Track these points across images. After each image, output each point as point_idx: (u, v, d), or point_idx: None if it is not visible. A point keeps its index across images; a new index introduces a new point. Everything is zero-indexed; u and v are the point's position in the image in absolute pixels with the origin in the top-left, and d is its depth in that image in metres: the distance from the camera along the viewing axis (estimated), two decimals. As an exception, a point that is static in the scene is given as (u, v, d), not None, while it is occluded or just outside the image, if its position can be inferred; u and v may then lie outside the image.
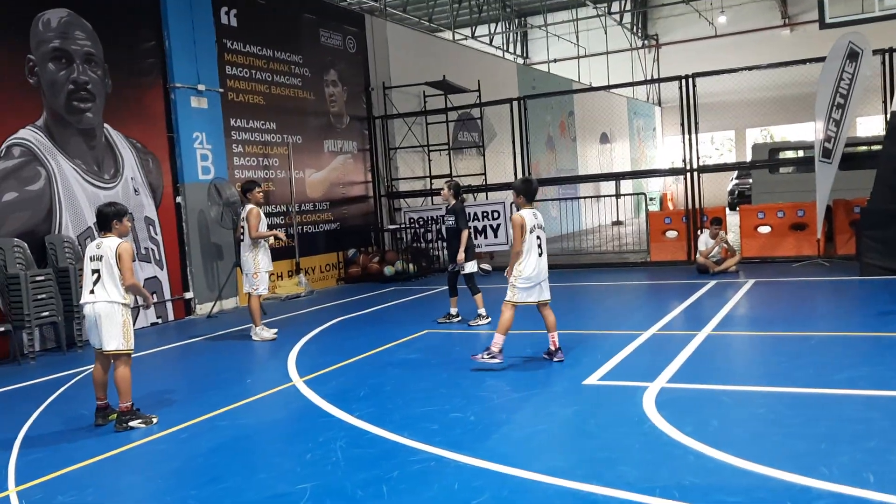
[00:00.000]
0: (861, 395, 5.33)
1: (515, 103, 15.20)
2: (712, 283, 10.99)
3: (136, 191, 11.21)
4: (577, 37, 30.24)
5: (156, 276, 11.34)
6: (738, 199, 24.98)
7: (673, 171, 15.28)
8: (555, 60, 29.86)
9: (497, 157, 19.13)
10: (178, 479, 4.70)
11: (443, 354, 7.60)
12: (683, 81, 13.16)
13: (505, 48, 30.17)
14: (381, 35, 16.72)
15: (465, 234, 9.04)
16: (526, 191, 6.91)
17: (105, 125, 10.79)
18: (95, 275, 5.79)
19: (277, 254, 13.55)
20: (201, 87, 12.23)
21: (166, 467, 4.93)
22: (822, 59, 11.56)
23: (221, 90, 12.65)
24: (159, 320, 11.29)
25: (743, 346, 7.28)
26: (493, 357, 6.74)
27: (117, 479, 4.71)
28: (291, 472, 4.59)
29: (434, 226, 15.61)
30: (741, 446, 4.43)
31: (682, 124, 13.28)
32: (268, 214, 13.54)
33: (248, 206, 9.40)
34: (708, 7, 29.68)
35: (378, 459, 4.75)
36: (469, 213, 15.35)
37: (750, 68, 13.64)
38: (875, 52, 11.22)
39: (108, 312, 5.73)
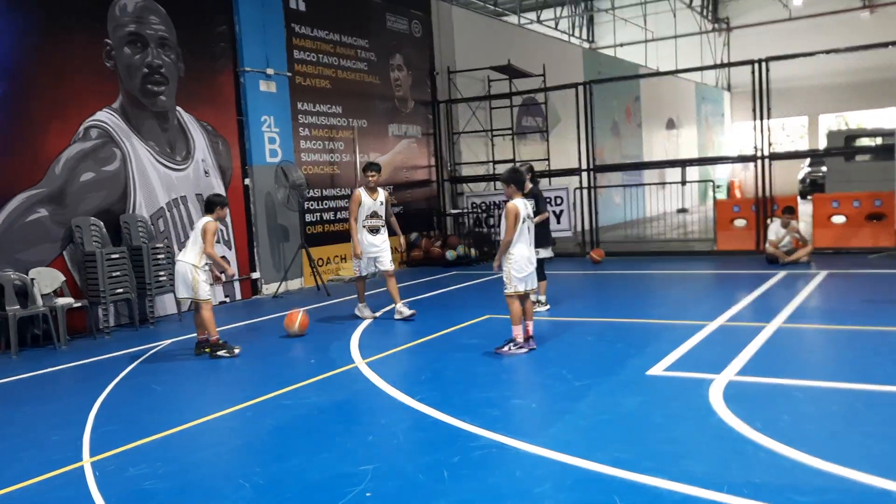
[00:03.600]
0: (944, 395, 5.10)
1: (581, 88, 14.95)
2: (783, 273, 10.67)
3: (206, 172, 11.47)
4: (645, 20, 29.57)
5: (224, 256, 11.59)
6: (810, 187, 24.19)
7: (742, 158, 14.84)
8: (621, 45, 29.27)
9: (561, 142, 18.92)
10: (244, 457, 4.81)
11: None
12: (756, 66, 12.73)
13: (571, 32, 29.70)
14: (446, 19, 16.66)
15: (545, 216, 8.78)
16: (516, 180, 6.98)
17: (177, 108, 11.05)
18: (187, 241, 7.64)
19: (341, 237, 13.73)
20: (270, 71, 12.41)
21: (233, 444, 5.05)
22: (906, 43, 11.06)
23: (289, 74, 12.81)
24: (227, 299, 11.56)
25: (816, 339, 7.04)
26: (520, 347, 6.85)
27: (186, 454, 4.84)
28: (354, 454, 4.64)
29: (496, 211, 15.54)
30: (815, 444, 4.29)
31: (754, 110, 12.87)
32: (332, 198, 13.72)
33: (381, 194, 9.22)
34: (783, -11, 28.69)
35: (439, 444, 4.77)
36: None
37: (827, 52, 13.12)
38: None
39: (182, 271, 7.47)
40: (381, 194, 9.00)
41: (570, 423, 4.97)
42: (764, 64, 12.65)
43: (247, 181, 12.20)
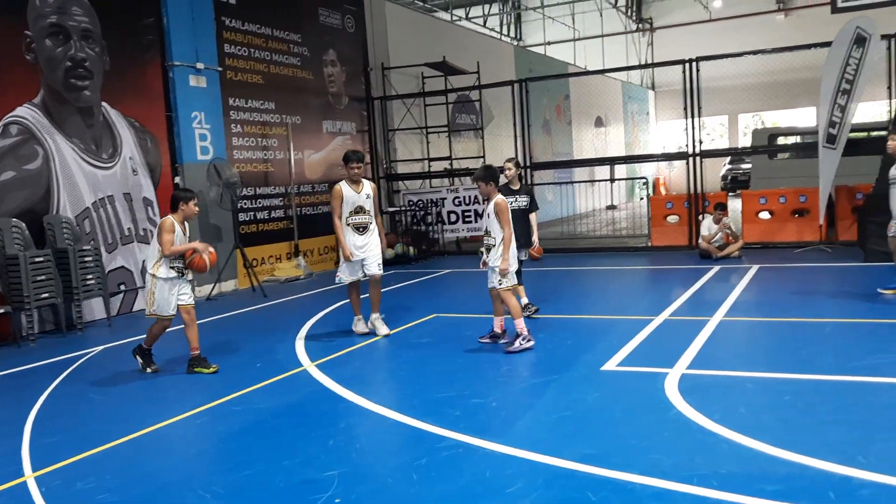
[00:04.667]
0: (887, 382, 5.30)
1: (516, 86, 15.04)
2: (716, 268, 10.97)
3: (134, 171, 11.03)
4: (573, 19, 30.04)
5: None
6: (732, 184, 25.05)
7: (675, 156, 15.21)
8: (549, 43, 29.65)
9: (495, 139, 19.01)
10: (201, 465, 4.61)
11: (454, 339, 7.52)
12: (686, 65, 13.06)
13: (500, 30, 29.94)
14: (379, 14, 16.50)
15: (534, 216, 8.38)
16: (494, 177, 6.97)
17: (103, 103, 10.59)
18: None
19: (276, 236, 13.45)
20: (200, 66, 12.03)
21: (187, 452, 4.84)
22: (826, 45, 11.51)
23: (220, 69, 12.45)
24: (158, 302, 11.13)
25: (758, 332, 7.25)
26: (528, 341, 6.81)
27: (137, 465, 4.61)
28: (316, 459, 4.50)
29: (434, 208, 15.50)
30: (773, 434, 4.39)
31: (686, 108, 13.20)
32: (266, 196, 13.41)
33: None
34: (703, -9, 29.60)
35: (403, 446, 4.69)
36: (469, 196, 15.34)
37: (753, 52, 13.56)
38: (883, 37, 11.18)
39: (147, 280, 6.76)
40: (367, 186, 7.82)
41: (534, 421, 4.96)
42: (694, 64, 12.98)
43: (177, 179, 11.79)
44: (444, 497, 3.88)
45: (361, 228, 7.77)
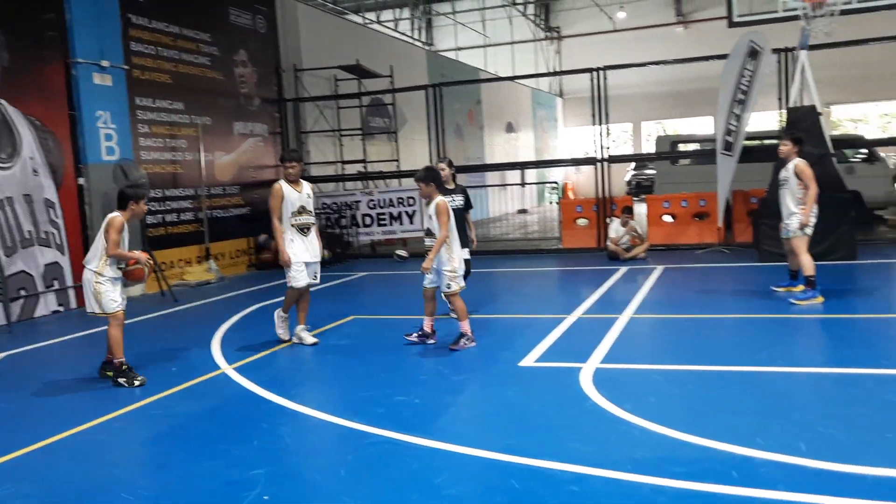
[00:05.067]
0: (781, 371, 5.72)
1: (430, 90, 15.22)
2: (624, 269, 11.43)
3: (34, 171, 10.59)
4: (484, 26, 30.53)
5: (56, 262, 10.75)
6: (636, 189, 26.01)
7: (584, 161, 15.72)
8: (460, 48, 30.05)
9: (409, 143, 19.17)
10: (122, 469, 4.53)
11: (374, 340, 7.59)
12: (594, 74, 13.55)
13: (411, 34, 30.13)
14: (291, 15, 16.37)
15: (469, 215, 8.36)
16: (435, 178, 7.05)
17: (1, 101, 10.12)
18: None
19: (186, 239, 13.15)
20: (105, 64, 11.65)
21: (106, 457, 4.73)
22: (723, 57, 12.17)
23: (126, 67, 12.09)
24: (61, 308, 10.72)
25: (664, 328, 7.62)
26: (471, 341, 6.95)
27: (54, 470, 4.48)
28: (241, 459, 4.49)
29: (348, 211, 15.49)
30: (681, 421, 4.67)
31: (594, 115, 13.68)
32: (175, 198, 13.09)
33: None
34: (608, 2, 30.58)
35: (329, 444, 4.74)
36: (384, 200, 15.40)
37: (657, 63, 14.22)
38: (774, 50, 11.92)
39: (85, 280, 6.32)
40: (306, 186, 7.49)
41: (457, 416, 5.10)
42: (602, 72, 13.48)
43: (81, 180, 11.37)
44: (373, 490, 3.97)
45: (305, 229, 7.41)
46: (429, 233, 7.10)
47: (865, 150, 15.01)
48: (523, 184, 23.38)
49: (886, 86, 24.29)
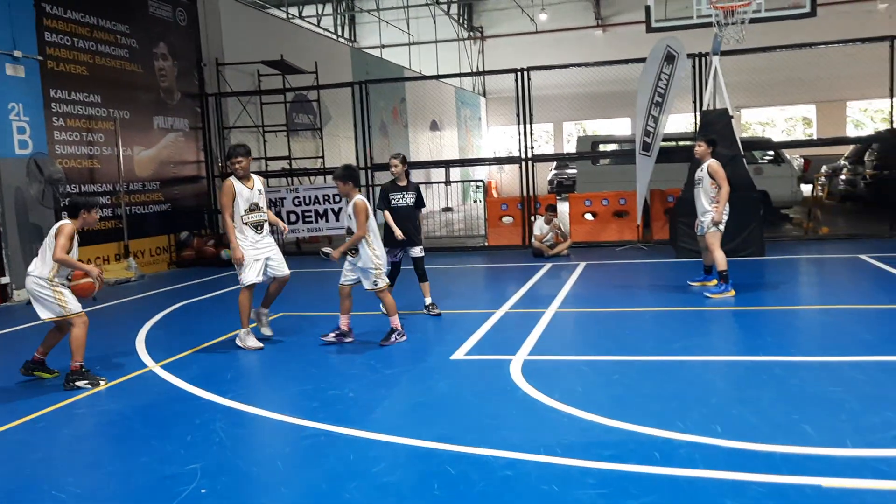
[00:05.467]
0: (697, 360, 6.04)
1: (357, 87, 15.22)
2: (548, 265, 11.72)
3: (-58, 164, 10.12)
4: (408, 24, 30.60)
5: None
6: (558, 188, 26.59)
7: (509, 160, 16.01)
8: (384, 46, 30.04)
9: (334, 140, 19.09)
10: (50, 468, 4.43)
11: (304, 336, 7.59)
12: (519, 74, 13.82)
13: (334, 31, 29.93)
14: (212, 8, 16.08)
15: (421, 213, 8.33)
16: (353, 177, 6.96)
17: None
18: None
19: (104, 236, 12.78)
20: (17, 54, 11.23)
21: (31, 456, 4.62)
22: (642, 60, 12.62)
23: (40, 58, 11.68)
24: (-28, 307, 10.29)
25: (588, 321, 7.88)
26: (401, 335, 7.01)
27: (-24, 473, 4.36)
28: (176, 455, 4.48)
29: (273, 208, 15.31)
30: (606, 408, 4.90)
31: (518, 115, 13.96)
32: (92, 194, 12.69)
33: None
34: (529, 4, 31.12)
35: (265, 438, 4.76)
36: (309, 197, 15.31)
37: (579, 65, 14.60)
38: (689, 55, 12.44)
39: (33, 287, 6.05)
40: (258, 181, 7.27)
41: (391, 408, 5.19)
42: (526, 73, 13.77)
43: (-8, 175, 10.94)
44: (311, 481, 4.03)
45: (259, 227, 7.20)
46: (349, 231, 7.08)
47: (772, 152, 15.80)
48: (448, 182, 23.57)
49: (791, 91, 25.59)
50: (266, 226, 7.33)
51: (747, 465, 3.95)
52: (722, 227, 8.50)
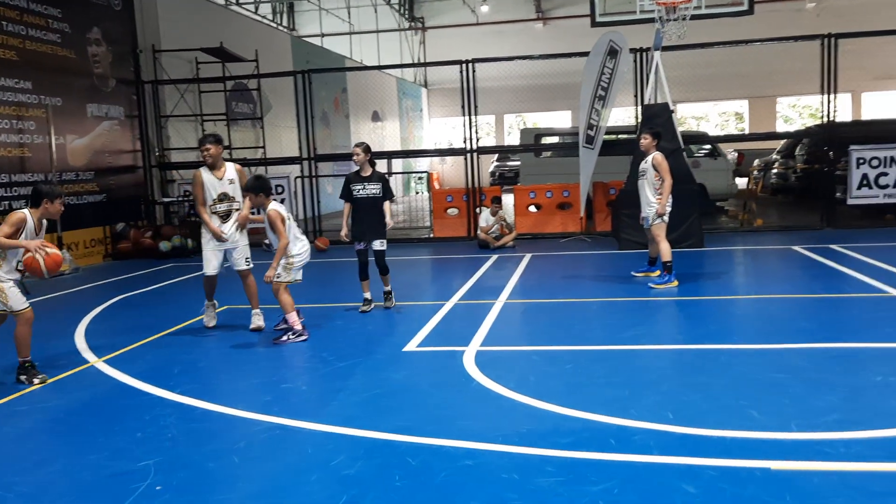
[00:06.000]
0: (646, 349, 6.17)
1: (300, 77, 15.00)
2: (495, 257, 11.80)
3: None
4: (349, 13, 30.29)
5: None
6: (500, 180, 26.75)
7: (453, 152, 16.04)
8: (325, 35, 29.67)
9: (274, 130, 18.80)
10: (-7, 468, 4.27)
11: (248, 329, 7.47)
12: (464, 66, 13.84)
13: (272, 18, 29.44)
14: (149, -6, 15.62)
15: (389, 204, 8.10)
16: (263, 188, 6.87)
17: None
18: None
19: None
20: (-58, 36, 10.71)
21: (-28, 458, 4.44)
22: (585, 54, 12.77)
23: (-34, 41, 11.17)
24: None
25: (537, 311, 7.96)
26: (299, 336, 6.87)
27: (-88, 475, 4.16)
28: (127, 451, 4.36)
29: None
30: (561, 397, 4.97)
31: (463, 107, 13.98)
32: (23, 184, 12.22)
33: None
34: (471, -5, 31.23)
35: (219, 432, 4.67)
36: (251, 187, 15.03)
37: (523, 58, 14.74)
38: (631, 50, 12.66)
39: None
40: (230, 170, 7.27)
41: (346, 400, 5.16)
42: (470, 65, 13.79)
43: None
44: (271, 475, 3.97)
45: (225, 216, 7.27)
46: (269, 246, 7.07)
47: (709, 146, 16.23)
48: (390, 173, 23.47)
49: (725, 86, 26.34)
50: (234, 215, 7.32)
51: (700, 450, 4.06)
52: (666, 218, 8.69)
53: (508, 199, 14.84)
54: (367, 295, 8.13)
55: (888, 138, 12.96)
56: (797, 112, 33.41)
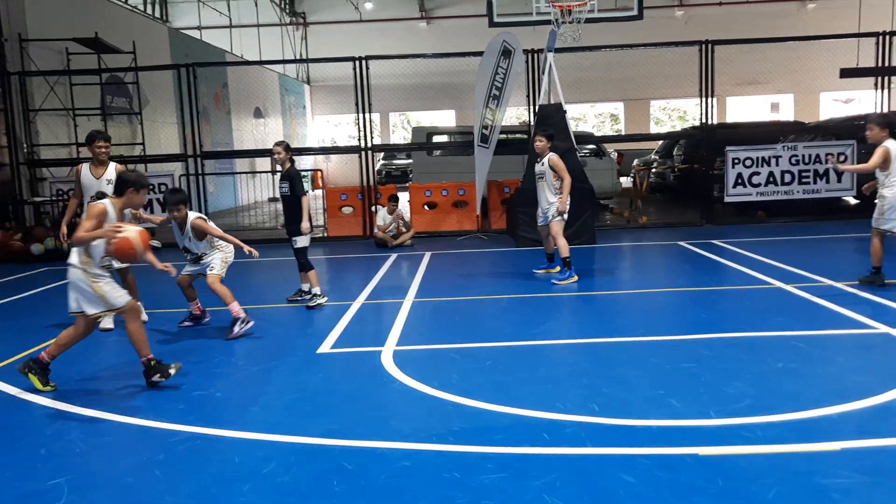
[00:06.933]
0: (560, 343, 6.31)
1: (184, 70, 14.36)
2: (394, 255, 11.72)
3: None
4: (229, 6, 29.32)
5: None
6: (387, 178, 26.66)
7: (347, 149, 15.82)
8: (203, 28, 28.58)
9: (153, 126, 17.94)
10: None
11: (153, 335, 7.06)
12: (357, 63, 13.67)
13: (144, 9, 28.06)
14: (13, -22, 14.51)
15: (306, 200, 8.00)
16: (183, 199, 7.04)
17: None
18: None
19: None
20: None
21: None
22: (478, 54, 12.90)
23: None
24: None
25: (448, 309, 7.94)
26: (247, 323, 6.87)
27: None
28: (32, 470, 4.03)
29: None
30: (487, 394, 4.99)
31: (356, 104, 13.81)
32: None
33: None
34: (354, -8, 30.93)
35: (133, 445, 4.40)
36: (132, 186, 14.25)
37: (415, 56, 14.71)
38: (524, 51, 12.89)
39: (75, 277, 5.32)
40: (111, 170, 7.23)
41: (267, 406, 4.97)
42: (364, 62, 13.64)
43: None
44: (198, 486, 3.77)
45: None
46: (194, 256, 7.11)
47: (594, 146, 16.80)
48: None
49: (603, 88, 27.29)
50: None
51: (629, 440, 4.18)
52: (566, 216, 8.90)
53: (404, 198, 14.79)
54: (304, 286, 8.31)
55: (760, 140, 13.85)
56: (667, 115, 35.18)
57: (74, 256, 5.32)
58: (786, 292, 7.79)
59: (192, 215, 6.96)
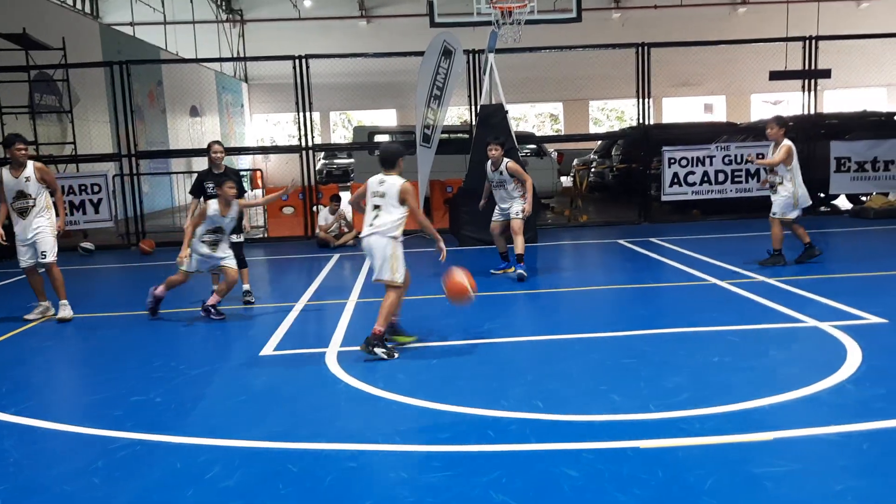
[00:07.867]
0: (505, 341, 6.37)
1: (118, 68, 13.98)
2: (336, 255, 11.64)
3: None
4: (162, 2, 28.63)
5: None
6: (327, 178, 26.45)
7: (288, 149, 15.63)
8: (135, 24, 27.83)
9: (84, 124, 17.43)
10: None
11: (84, 340, 6.90)
12: (298, 61, 13.53)
13: (73, 4, 27.19)
14: (-66, -30, 13.92)
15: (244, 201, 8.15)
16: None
17: None
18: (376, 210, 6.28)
19: None
20: None
21: None
22: (420, 53, 12.91)
23: None
24: None
25: (388, 309, 7.94)
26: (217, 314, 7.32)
27: None
28: (-39, 483, 3.87)
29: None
30: (432, 392, 5.00)
31: (297, 102, 13.68)
32: None
33: None
34: (293, -11, 30.57)
35: (69, 453, 4.28)
36: (63, 187, 13.81)
37: (357, 55, 14.65)
38: (465, 51, 12.94)
39: (380, 245, 6.28)
40: (29, 168, 7.54)
41: (208, 410, 4.89)
42: (305, 60, 13.50)
43: None
44: (140, 494, 3.69)
45: (23, 213, 7.56)
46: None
47: (535, 146, 17.00)
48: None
49: (542, 89, 27.61)
50: (35, 211, 7.58)
51: (573, 435, 4.26)
52: (527, 214, 8.99)
53: (346, 197, 14.70)
54: (245, 286, 8.28)
55: (694, 140, 14.22)
56: (605, 115, 35.81)
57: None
58: (721, 288, 8.03)
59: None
